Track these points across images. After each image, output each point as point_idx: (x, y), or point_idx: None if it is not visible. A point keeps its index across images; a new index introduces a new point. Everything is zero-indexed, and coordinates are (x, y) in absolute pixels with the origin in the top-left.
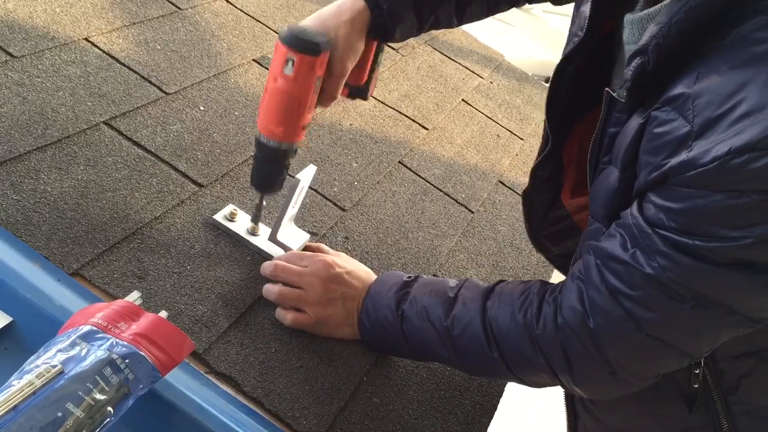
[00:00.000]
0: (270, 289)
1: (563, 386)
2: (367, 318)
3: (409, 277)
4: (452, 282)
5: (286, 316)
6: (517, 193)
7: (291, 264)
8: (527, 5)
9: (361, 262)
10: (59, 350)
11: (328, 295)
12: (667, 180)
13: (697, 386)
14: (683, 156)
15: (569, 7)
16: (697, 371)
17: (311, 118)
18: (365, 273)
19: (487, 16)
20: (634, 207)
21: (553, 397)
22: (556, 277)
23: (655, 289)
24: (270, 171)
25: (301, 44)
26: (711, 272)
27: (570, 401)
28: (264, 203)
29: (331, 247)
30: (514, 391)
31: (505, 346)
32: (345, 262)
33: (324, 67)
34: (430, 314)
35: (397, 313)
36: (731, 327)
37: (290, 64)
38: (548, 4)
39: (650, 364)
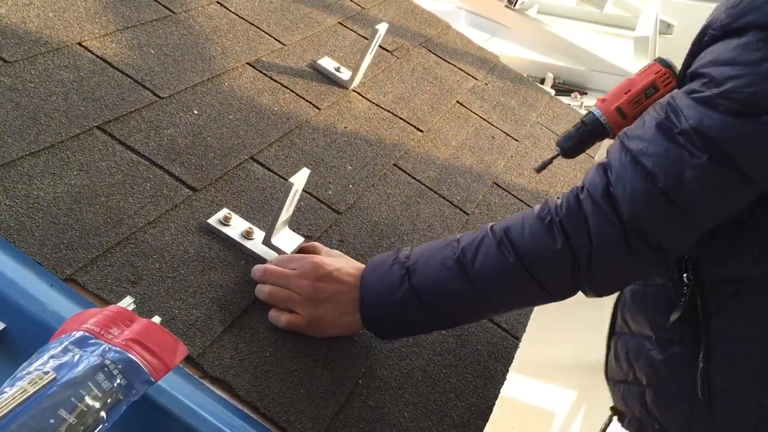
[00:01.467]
0: (261, 289)
1: (578, 282)
2: (370, 297)
3: (397, 249)
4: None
5: (280, 318)
6: (513, 195)
7: (280, 267)
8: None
9: None
10: (52, 356)
11: (319, 295)
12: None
13: (683, 301)
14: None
15: (564, 10)
16: (685, 289)
17: None
18: (354, 268)
19: None
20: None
21: (549, 400)
22: None
23: (673, 143)
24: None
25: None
26: (725, 123)
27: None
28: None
29: None
30: (509, 394)
31: (521, 244)
32: (334, 261)
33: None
34: (437, 256)
35: (401, 272)
36: (736, 192)
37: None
38: (543, 5)
39: (663, 230)
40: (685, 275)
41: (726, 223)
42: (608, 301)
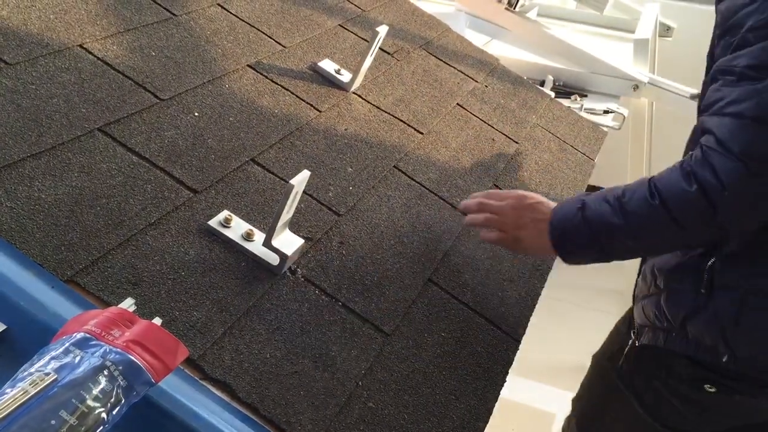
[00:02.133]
0: (476, 217)
1: (715, 221)
2: (555, 225)
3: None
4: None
5: (491, 236)
6: None
7: (491, 200)
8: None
9: (356, 266)
10: (53, 358)
11: (521, 220)
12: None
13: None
14: None
15: (563, 13)
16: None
17: None
18: (550, 203)
19: None
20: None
21: (549, 402)
22: (551, 281)
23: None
24: None
25: None
26: None
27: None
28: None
29: (326, 253)
30: (509, 396)
31: (665, 191)
32: (536, 195)
33: None
34: (607, 196)
35: (578, 206)
36: None
37: None
38: (543, 8)
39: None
40: None
41: None
42: (610, 304)
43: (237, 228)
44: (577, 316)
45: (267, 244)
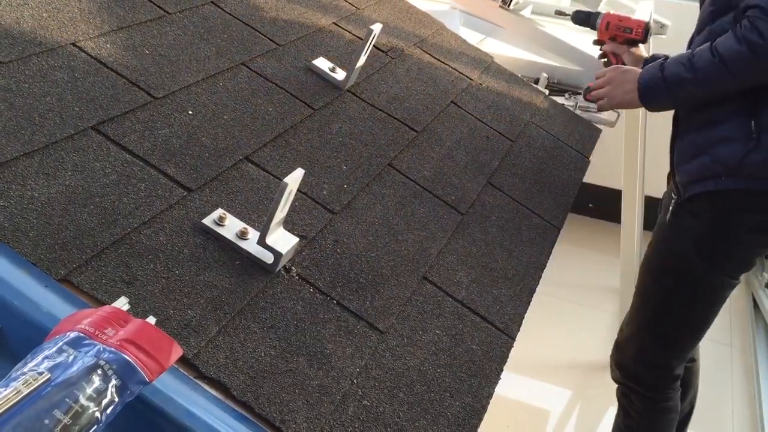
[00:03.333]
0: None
1: (756, 62)
2: (642, 82)
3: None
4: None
5: (600, 103)
6: (507, 195)
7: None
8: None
9: (350, 264)
10: (46, 357)
11: (614, 81)
12: None
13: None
14: None
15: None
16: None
17: None
18: (636, 69)
19: None
20: None
21: (544, 399)
22: (546, 278)
23: None
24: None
25: None
26: None
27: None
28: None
29: (320, 251)
30: (504, 393)
31: (723, 51)
32: (622, 67)
33: None
34: (679, 59)
35: (658, 68)
36: None
37: None
38: (537, 6)
39: None
40: None
41: None
42: (605, 302)
43: (231, 226)
44: (572, 313)
45: (261, 242)
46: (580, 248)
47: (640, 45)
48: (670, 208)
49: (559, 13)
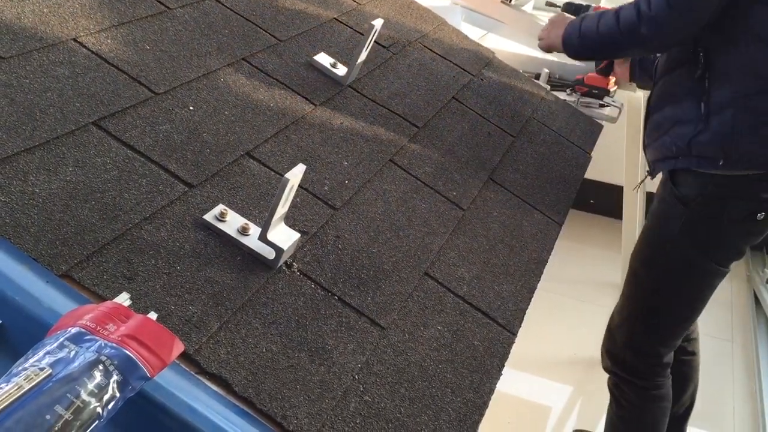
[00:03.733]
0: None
1: (638, 27)
2: (565, 34)
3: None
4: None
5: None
6: (509, 191)
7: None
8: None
9: (352, 260)
10: (47, 353)
11: (547, 28)
12: None
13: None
14: None
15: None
16: (701, 54)
17: None
18: (570, 18)
19: None
20: None
21: (545, 395)
22: (547, 275)
23: None
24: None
25: None
26: None
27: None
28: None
29: (322, 247)
30: (505, 389)
31: (622, 18)
32: (559, 16)
33: None
34: (597, 15)
35: (580, 21)
36: None
37: None
38: (539, 1)
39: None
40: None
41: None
42: (605, 298)
43: (232, 222)
44: (573, 309)
45: (263, 238)
46: (581, 244)
47: None
48: (661, 196)
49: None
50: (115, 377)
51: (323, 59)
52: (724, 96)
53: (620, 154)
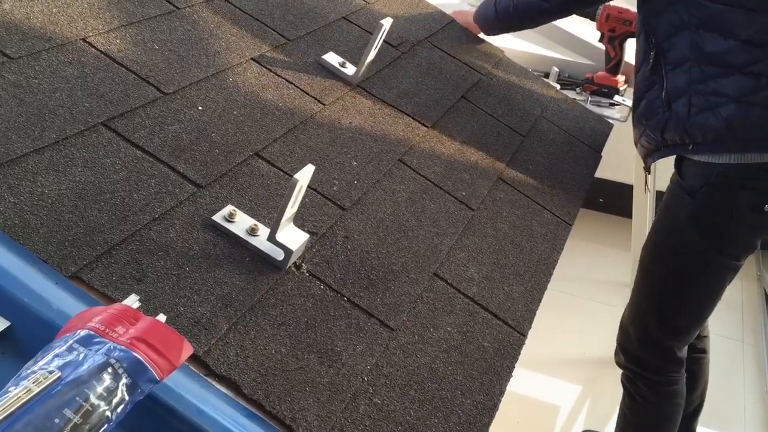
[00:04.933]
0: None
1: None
2: (477, 16)
3: None
4: None
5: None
6: (518, 190)
7: None
8: None
9: (361, 261)
10: (56, 355)
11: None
12: None
13: (652, 54)
14: None
15: None
16: (652, 47)
17: None
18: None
19: None
20: None
21: (554, 394)
22: (556, 274)
23: None
24: None
25: None
26: None
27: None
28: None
29: (331, 247)
30: (514, 389)
31: None
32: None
33: None
34: None
35: (493, 6)
36: None
37: None
38: None
39: None
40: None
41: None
42: (615, 297)
43: (241, 223)
44: (582, 308)
45: (271, 238)
46: (591, 243)
47: None
48: (670, 189)
49: None
50: (124, 380)
51: (332, 58)
52: (679, 82)
53: (630, 153)
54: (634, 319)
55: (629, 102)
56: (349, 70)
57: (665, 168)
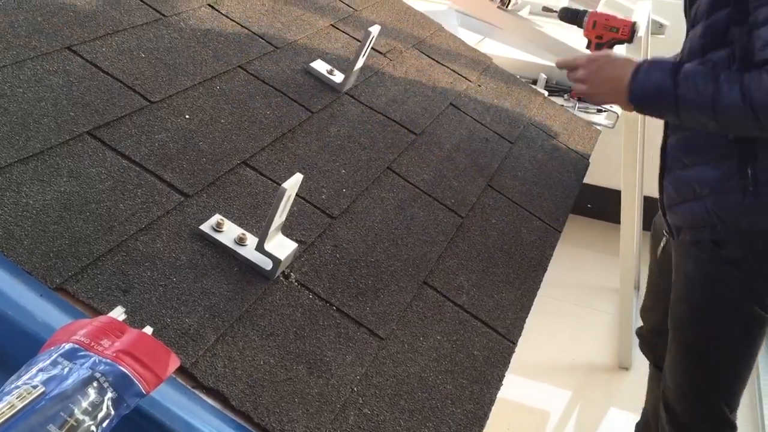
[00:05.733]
0: (571, 75)
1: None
2: (638, 85)
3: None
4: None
5: (579, 88)
6: (507, 197)
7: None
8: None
9: (350, 270)
10: (40, 370)
11: (603, 86)
12: None
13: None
14: None
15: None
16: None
17: None
18: (630, 66)
19: None
20: None
21: (544, 400)
22: (546, 280)
23: None
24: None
25: None
26: None
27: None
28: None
29: (319, 256)
30: (504, 395)
31: (756, 97)
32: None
33: None
34: (700, 81)
35: (671, 80)
36: None
37: None
38: (535, 6)
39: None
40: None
41: None
42: (604, 302)
43: (229, 232)
44: (572, 314)
45: (260, 248)
46: (579, 248)
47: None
48: (698, 258)
49: (547, 10)
50: (109, 394)
51: (320, 66)
52: None
53: (618, 159)
54: (681, 398)
55: (616, 108)
56: (338, 77)
57: (654, 174)
